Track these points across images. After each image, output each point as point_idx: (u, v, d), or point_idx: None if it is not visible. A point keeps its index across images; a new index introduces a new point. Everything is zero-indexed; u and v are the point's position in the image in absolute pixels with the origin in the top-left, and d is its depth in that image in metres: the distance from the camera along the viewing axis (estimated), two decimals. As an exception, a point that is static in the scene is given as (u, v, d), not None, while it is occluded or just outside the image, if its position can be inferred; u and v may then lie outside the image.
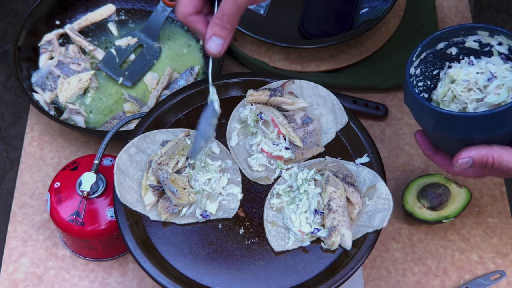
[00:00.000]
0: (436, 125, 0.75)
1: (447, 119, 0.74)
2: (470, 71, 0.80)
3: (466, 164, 0.76)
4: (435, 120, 0.75)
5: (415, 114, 0.79)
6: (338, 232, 0.82)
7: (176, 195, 0.83)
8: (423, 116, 0.77)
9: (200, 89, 0.96)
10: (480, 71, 0.80)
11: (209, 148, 0.90)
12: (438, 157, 0.83)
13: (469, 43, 0.82)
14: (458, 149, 0.77)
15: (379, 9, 1.21)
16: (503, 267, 1.01)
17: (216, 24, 0.79)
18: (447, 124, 0.74)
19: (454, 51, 0.83)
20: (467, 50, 0.82)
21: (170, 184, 0.84)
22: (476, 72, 0.80)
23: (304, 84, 0.95)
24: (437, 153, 0.83)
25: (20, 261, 1.02)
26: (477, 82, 0.79)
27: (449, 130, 0.74)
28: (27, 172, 1.10)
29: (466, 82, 0.80)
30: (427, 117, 0.76)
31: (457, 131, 0.74)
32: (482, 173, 0.81)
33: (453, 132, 0.74)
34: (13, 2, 2.35)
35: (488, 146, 0.76)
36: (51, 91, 1.14)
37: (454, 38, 0.81)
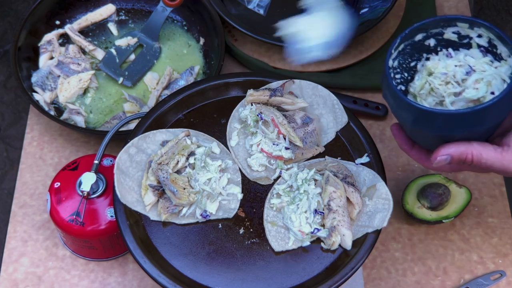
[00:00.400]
0: (415, 122, 0.74)
1: (426, 116, 0.72)
2: (449, 63, 0.78)
3: (444, 161, 0.76)
4: (414, 116, 0.73)
5: (393, 109, 0.77)
6: (338, 232, 0.82)
7: (176, 195, 0.83)
8: (401, 112, 0.75)
9: (200, 88, 0.96)
10: (459, 64, 0.78)
11: (209, 148, 0.90)
12: (414, 152, 0.82)
13: (448, 35, 0.79)
14: (436, 145, 0.76)
15: (379, 9, 1.21)
16: (503, 267, 1.01)
17: None
18: (426, 121, 0.72)
19: (432, 43, 0.80)
20: (446, 42, 0.80)
21: (170, 184, 0.84)
22: (455, 65, 0.78)
23: (304, 84, 0.95)
24: (413, 147, 0.82)
25: (20, 261, 1.02)
26: (455, 75, 0.77)
27: (428, 127, 0.73)
28: (27, 172, 1.10)
29: (444, 75, 0.78)
30: (405, 112, 0.74)
31: (437, 128, 0.72)
32: (459, 169, 0.80)
33: (432, 129, 0.73)
34: (13, 2, 2.35)
35: (467, 143, 0.74)
36: (51, 91, 1.14)
37: (433, 29, 0.79)
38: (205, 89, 0.96)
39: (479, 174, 1.09)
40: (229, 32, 1.24)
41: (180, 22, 1.24)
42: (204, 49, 1.21)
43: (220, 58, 1.13)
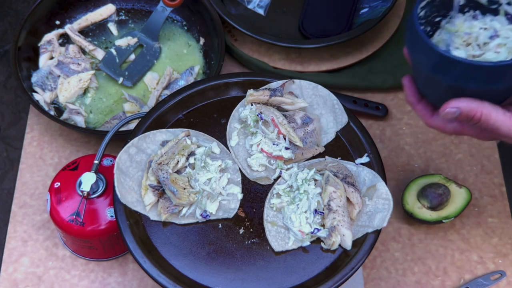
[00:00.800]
0: (434, 67, 0.73)
1: (448, 62, 0.71)
2: (474, 24, 0.78)
3: (452, 114, 0.75)
4: (435, 61, 0.72)
5: (413, 52, 0.76)
6: (338, 232, 0.82)
7: (176, 195, 0.83)
8: (422, 56, 0.74)
9: (200, 88, 0.96)
10: (484, 27, 0.78)
11: (209, 148, 0.90)
12: (420, 106, 0.81)
13: None
14: (445, 99, 0.75)
15: (379, 9, 1.21)
16: (503, 267, 1.01)
17: None
18: (446, 68, 0.72)
19: (462, 1, 0.80)
20: (474, 4, 0.80)
21: (170, 184, 0.84)
22: (480, 28, 0.78)
23: (304, 84, 0.95)
24: (420, 101, 0.81)
25: (20, 261, 1.02)
26: (478, 38, 0.77)
27: (446, 74, 0.72)
28: (27, 172, 1.10)
29: (467, 35, 0.78)
30: (426, 57, 0.73)
31: (455, 77, 0.72)
32: (461, 130, 0.79)
33: (450, 77, 0.72)
34: (13, 2, 2.35)
35: (479, 101, 0.74)
36: (51, 91, 1.14)
37: None
38: (205, 89, 0.96)
39: (479, 174, 1.09)
40: (229, 32, 1.24)
41: (180, 22, 1.24)
42: (204, 49, 1.21)
43: (220, 58, 1.13)
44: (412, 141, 1.13)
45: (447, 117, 0.75)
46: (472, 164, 1.11)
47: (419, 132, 1.14)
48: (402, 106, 1.17)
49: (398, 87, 1.18)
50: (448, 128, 0.80)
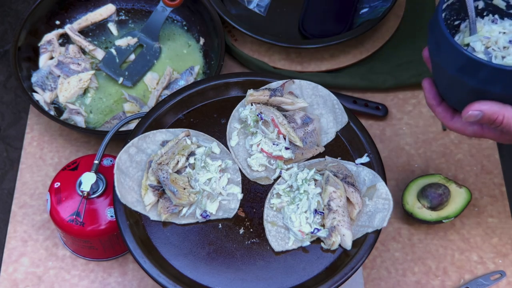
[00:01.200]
0: (460, 69, 0.73)
1: (474, 65, 0.71)
2: (494, 28, 0.78)
3: (475, 117, 0.75)
4: (461, 63, 0.72)
5: (438, 54, 0.75)
6: (338, 232, 0.82)
7: (176, 195, 0.83)
8: (447, 58, 0.74)
9: (200, 88, 0.96)
10: (503, 31, 0.78)
11: (209, 148, 0.90)
12: (440, 108, 0.81)
13: (497, 1, 0.80)
14: (467, 102, 0.75)
15: (379, 9, 1.21)
16: (503, 267, 1.01)
17: None
18: (472, 71, 0.72)
19: (480, 5, 0.80)
20: (493, 8, 0.80)
21: (170, 184, 0.84)
22: (499, 32, 0.78)
23: (304, 84, 0.95)
24: (441, 104, 0.81)
25: (20, 261, 1.02)
26: (497, 42, 0.77)
27: (471, 76, 0.72)
28: (27, 172, 1.10)
29: (486, 39, 0.78)
30: (452, 59, 0.73)
31: (480, 80, 0.72)
32: (481, 133, 0.79)
33: (475, 80, 0.72)
34: (13, 2, 2.35)
35: (502, 104, 0.74)
36: (51, 91, 1.14)
37: None
38: (205, 89, 0.96)
39: (479, 174, 1.09)
40: (229, 32, 1.24)
41: (180, 22, 1.24)
42: (204, 49, 1.21)
43: (220, 58, 1.13)
44: (412, 141, 1.13)
45: (470, 120, 0.75)
46: (472, 164, 1.11)
47: (419, 132, 1.14)
48: (402, 106, 1.17)
49: (398, 87, 1.18)
50: (469, 130, 0.80)
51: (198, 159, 0.88)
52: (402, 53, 1.22)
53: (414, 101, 1.18)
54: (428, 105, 0.83)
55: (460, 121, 0.80)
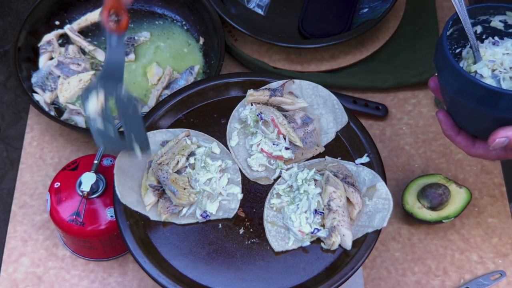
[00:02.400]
0: (479, 101, 0.73)
1: (494, 96, 0.72)
2: (497, 51, 0.79)
3: (502, 144, 0.75)
4: (479, 95, 0.72)
5: (453, 89, 0.75)
6: (338, 232, 0.82)
7: (176, 195, 0.83)
8: (464, 92, 0.74)
9: (200, 88, 0.96)
10: (506, 52, 0.78)
11: (209, 148, 0.90)
12: (460, 138, 0.81)
13: (495, 23, 0.80)
14: (490, 129, 0.75)
15: (378, 9, 1.21)
16: (503, 267, 1.01)
17: None
18: (492, 101, 0.72)
19: (479, 30, 0.81)
20: (491, 30, 0.81)
21: (170, 184, 0.84)
22: (502, 53, 0.78)
23: (304, 84, 0.95)
24: (459, 133, 0.82)
25: (20, 261, 1.02)
26: (502, 63, 0.78)
27: (492, 107, 0.72)
28: (27, 172, 1.10)
29: (491, 62, 0.78)
30: (470, 92, 0.73)
31: (501, 108, 0.72)
32: (504, 155, 0.80)
33: (496, 110, 0.72)
34: (13, 2, 2.35)
35: None
36: (51, 91, 1.14)
37: (481, 16, 0.80)
38: (205, 89, 0.96)
39: (479, 174, 1.09)
40: (229, 32, 1.24)
41: (179, 22, 1.24)
42: (204, 48, 1.21)
43: (220, 58, 1.13)
44: (412, 141, 1.13)
45: (496, 147, 0.76)
46: (472, 164, 1.11)
47: (419, 132, 1.14)
48: (402, 106, 1.17)
49: (398, 87, 1.18)
50: (491, 155, 0.80)
51: (198, 159, 0.88)
52: (402, 53, 1.22)
53: (414, 101, 1.18)
54: (446, 136, 0.83)
55: (482, 148, 0.80)
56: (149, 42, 1.22)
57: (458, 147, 0.83)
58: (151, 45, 1.22)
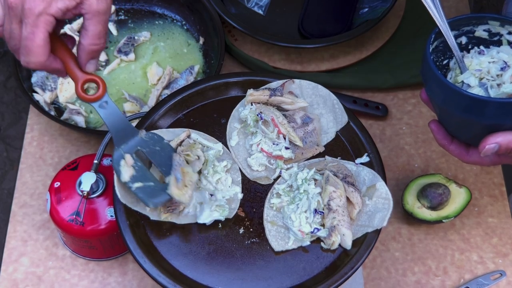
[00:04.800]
0: (465, 110, 0.74)
1: (479, 104, 0.72)
2: (482, 60, 0.79)
3: (492, 150, 0.76)
4: (465, 104, 0.73)
5: (440, 99, 0.77)
6: (338, 232, 0.82)
7: (178, 184, 0.82)
8: (451, 102, 0.75)
9: (200, 88, 0.96)
10: (492, 61, 0.79)
11: (218, 151, 0.90)
12: (453, 146, 0.82)
13: (479, 33, 0.81)
14: (480, 137, 0.76)
15: (378, 9, 1.21)
16: (503, 267, 1.01)
17: (94, 49, 0.80)
18: (478, 110, 0.73)
19: (464, 40, 0.82)
20: (476, 40, 0.82)
21: (179, 170, 0.82)
22: (488, 62, 0.79)
23: (304, 84, 0.95)
24: (452, 142, 0.82)
25: (20, 261, 1.02)
26: (489, 71, 0.79)
27: (479, 115, 0.73)
28: (27, 172, 1.10)
29: (478, 71, 0.79)
30: (456, 102, 0.74)
31: (488, 116, 0.73)
32: (499, 161, 0.81)
33: (483, 118, 0.73)
34: (13, 2, 2.35)
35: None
36: (51, 91, 1.14)
37: (465, 27, 0.81)
38: (205, 89, 0.96)
39: (479, 174, 1.09)
40: (229, 32, 1.24)
41: (179, 22, 1.24)
42: (204, 48, 1.21)
43: (220, 58, 1.13)
44: (412, 141, 1.13)
45: (487, 153, 0.76)
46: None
47: (419, 132, 1.14)
48: (402, 106, 1.17)
49: (398, 87, 1.18)
50: (486, 161, 0.81)
51: (210, 160, 0.88)
52: (402, 53, 1.22)
53: (414, 101, 1.18)
54: (440, 145, 0.84)
55: (477, 155, 0.81)
56: (149, 42, 1.22)
57: (452, 155, 0.83)
58: (151, 45, 1.22)
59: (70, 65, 0.81)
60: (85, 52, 0.80)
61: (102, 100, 0.83)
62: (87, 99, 0.82)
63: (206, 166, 0.88)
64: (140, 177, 0.82)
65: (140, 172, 0.83)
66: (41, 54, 0.77)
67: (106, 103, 0.83)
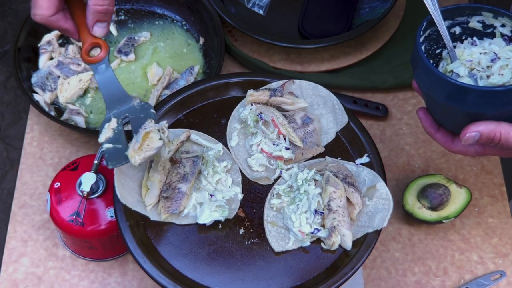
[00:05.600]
0: (448, 97, 0.74)
1: (460, 91, 0.73)
2: (474, 51, 0.80)
3: (473, 139, 0.76)
4: (448, 91, 0.74)
5: (426, 86, 0.77)
6: (338, 232, 0.82)
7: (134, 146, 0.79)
8: (435, 88, 0.76)
9: (200, 89, 0.96)
10: (483, 52, 0.80)
11: (218, 152, 0.90)
12: (439, 134, 0.83)
13: (473, 24, 0.82)
14: (464, 125, 0.77)
15: (378, 9, 1.21)
16: (503, 267, 1.01)
17: (98, 10, 0.79)
18: (460, 97, 0.74)
19: (457, 31, 0.83)
20: (470, 31, 0.82)
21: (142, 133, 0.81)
22: (479, 53, 0.80)
23: (304, 84, 0.95)
24: (438, 130, 0.83)
25: (20, 261, 1.02)
26: (480, 62, 0.79)
27: (461, 102, 0.74)
28: (27, 172, 1.10)
29: (469, 62, 0.79)
30: (440, 88, 0.75)
31: (469, 104, 0.74)
32: (483, 151, 0.81)
33: (464, 105, 0.74)
34: (13, 2, 2.35)
35: (496, 122, 0.76)
36: (51, 91, 1.14)
37: (459, 17, 0.82)
38: (205, 89, 0.96)
39: (479, 174, 1.09)
40: (229, 32, 1.24)
41: (179, 22, 1.24)
42: (204, 48, 1.21)
43: (220, 58, 1.13)
44: (412, 141, 1.13)
45: (468, 142, 0.77)
46: (472, 164, 1.11)
47: (419, 132, 1.14)
48: (402, 106, 1.17)
49: (398, 87, 1.18)
50: (470, 151, 0.81)
51: (210, 161, 0.88)
52: (402, 53, 1.22)
53: (414, 101, 1.18)
54: (426, 133, 0.85)
55: (461, 144, 0.81)
56: (149, 42, 1.22)
57: (438, 144, 0.84)
58: (151, 45, 1.22)
59: (82, 28, 0.83)
60: (90, 13, 0.80)
61: (102, 63, 0.84)
62: (88, 61, 0.84)
63: (206, 166, 0.88)
64: (113, 140, 0.83)
65: (116, 136, 0.83)
66: (46, 8, 0.77)
67: (105, 66, 0.84)
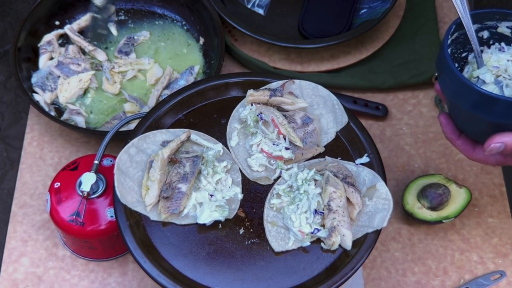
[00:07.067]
0: (474, 106, 0.73)
1: (488, 101, 0.72)
2: (501, 57, 0.79)
3: (497, 149, 0.75)
4: (475, 100, 0.73)
5: (451, 92, 0.76)
6: (338, 232, 0.82)
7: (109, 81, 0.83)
8: (461, 96, 0.74)
9: (200, 89, 0.96)
10: (511, 59, 0.78)
11: (218, 152, 0.90)
12: (460, 141, 0.82)
13: (502, 29, 0.80)
14: (487, 134, 0.76)
15: (378, 9, 1.21)
16: (503, 267, 1.01)
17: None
18: (487, 106, 0.72)
19: (485, 35, 0.81)
20: (498, 36, 0.81)
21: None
22: (507, 60, 0.79)
23: (304, 84, 0.95)
24: (459, 137, 0.82)
25: (20, 261, 1.02)
26: (507, 70, 0.78)
27: (487, 112, 0.73)
28: (27, 172, 1.10)
29: (495, 68, 0.78)
30: (465, 97, 0.74)
31: (496, 114, 0.72)
32: (503, 161, 0.80)
33: (490, 115, 0.73)
34: (13, 2, 2.35)
35: None
36: (51, 91, 1.14)
37: (488, 21, 0.80)
38: (205, 89, 0.96)
39: (479, 174, 1.09)
40: (229, 32, 1.24)
41: (179, 22, 1.24)
42: (204, 48, 1.21)
43: (220, 58, 1.13)
44: (412, 141, 1.13)
45: (492, 152, 0.76)
46: (472, 164, 1.11)
47: (419, 132, 1.14)
48: (402, 106, 1.17)
49: (398, 87, 1.18)
50: (491, 160, 0.81)
51: (210, 161, 0.88)
52: (402, 53, 1.22)
53: (414, 101, 1.18)
54: (447, 139, 0.84)
55: (482, 153, 0.80)
56: (149, 42, 1.22)
57: (458, 150, 0.83)
58: (151, 45, 1.22)
59: None
60: None
61: None
62: None
63: (206, 166, 0.88)
64: None
65: None
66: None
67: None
